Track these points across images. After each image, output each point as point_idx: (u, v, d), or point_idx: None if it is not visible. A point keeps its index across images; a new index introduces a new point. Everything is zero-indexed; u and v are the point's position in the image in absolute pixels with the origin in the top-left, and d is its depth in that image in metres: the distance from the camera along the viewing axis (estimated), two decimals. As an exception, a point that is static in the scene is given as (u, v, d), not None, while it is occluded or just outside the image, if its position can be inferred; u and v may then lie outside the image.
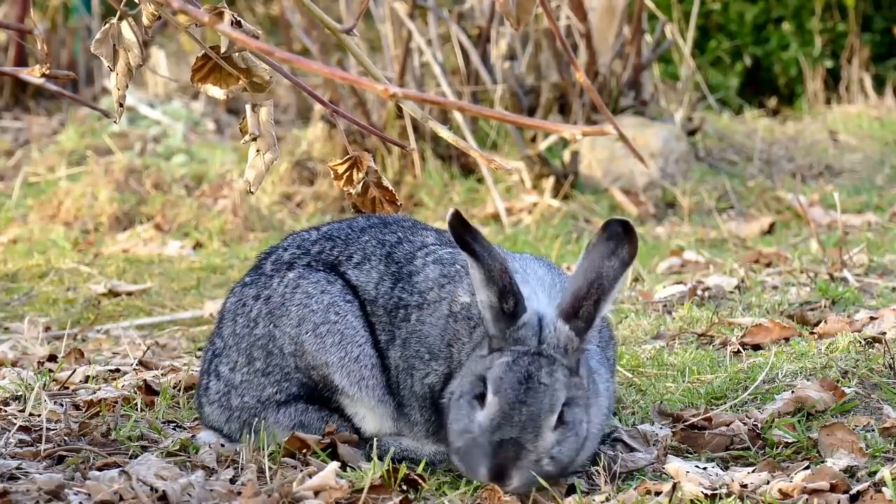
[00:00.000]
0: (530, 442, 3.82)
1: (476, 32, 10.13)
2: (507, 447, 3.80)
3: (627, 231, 3.89)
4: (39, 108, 13.04)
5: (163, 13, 4.06)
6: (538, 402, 3.83)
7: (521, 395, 3.83)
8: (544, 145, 9.85)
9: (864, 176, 10.69)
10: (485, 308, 3.92)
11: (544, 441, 3.83)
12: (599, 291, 3.89)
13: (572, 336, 3.90)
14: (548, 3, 3.57)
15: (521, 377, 3.84)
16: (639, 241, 3.92)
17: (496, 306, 3.89)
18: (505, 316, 3.90)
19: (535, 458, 3.83)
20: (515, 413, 3.82)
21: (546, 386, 3.84)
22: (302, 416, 4.25)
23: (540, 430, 3.83)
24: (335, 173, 4.49)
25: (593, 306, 3.90)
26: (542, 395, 3.83)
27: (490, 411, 3.84)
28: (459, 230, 3.85)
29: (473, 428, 3.86)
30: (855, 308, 5.97)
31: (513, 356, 3.87)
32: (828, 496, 3.88)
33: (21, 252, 8.65)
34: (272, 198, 9.73)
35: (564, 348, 3.89)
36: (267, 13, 15.40)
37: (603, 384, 4.09)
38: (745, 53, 14.37)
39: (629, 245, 3.89)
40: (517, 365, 3.86)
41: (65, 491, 3.87)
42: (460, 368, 4.05)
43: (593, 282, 3.89)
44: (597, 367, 4.09)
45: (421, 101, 2.93)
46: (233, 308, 4.38)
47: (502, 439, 3.81)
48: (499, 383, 3.84)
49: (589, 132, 2.91)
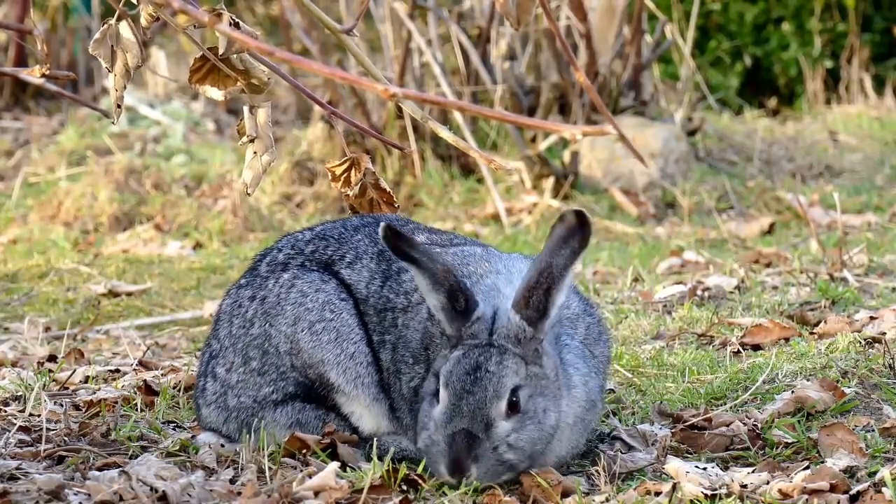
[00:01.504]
0: (482, 431, 3.83)
1: (476, 32, 10.13)
2: (459, 439, 3.83)
3: (582, 221, 3.91)
4: (39, 109, 13.03)
5: (161, 14, 4.06)
6: (483, 390, 3.85)
7: (468, 385, 3.86)
8: (544, 145, 9.85)
9: (864, 176, 10.68)
10: (437, 311, 3.95)
11: (497, 429, 3.85)
12: (549, 280, 3.90)
13: (524, 326, 3.92)
14: (547, 4, 3.57)
15: (469, 368, 3.87)
16: (591, 232, 3.92)
17: (448, 307, 3.93)
18: (458, 315, 3.93)
19: (492, 447, 3.84)
20: (464, 403, 3.85)
21: (492, 373, 3.86)
22: (299, 414, 4.25)
23: (489, 418, 3.84)
24: (333, 175, 4.49)
25: (543, 295, 3.91)
26: (487, 382, 3.86)
27: (442, 405, 3.88)
28: (394, 241, 3.88)
29: (430, 425, 3.90)
30: (855, 308, 5.97)
31: (464, 349, 3.91)
32: (828, 496, 3.88)
33: (21, 252, 8.65)
34: (272, 198, 9.73)
35: (516, 338, 3.91)
36: (267, 13, 15.39)
37: (579, 377, 4.09)
38: (745, 53, 14.36)
39: (581, 234, 3.91)
40: (467, 357, 3.89)
41: (65, 491, 3.87)
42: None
43: (542, 271, 3.91)
44: (573, 361, 4.10)
45: (421, 101, 2.93)
46: (229, 310, 4.38)
47: (454, 432, 3.83)
48: (448, 376, 3.88)
49: (589, 132, 2.91)
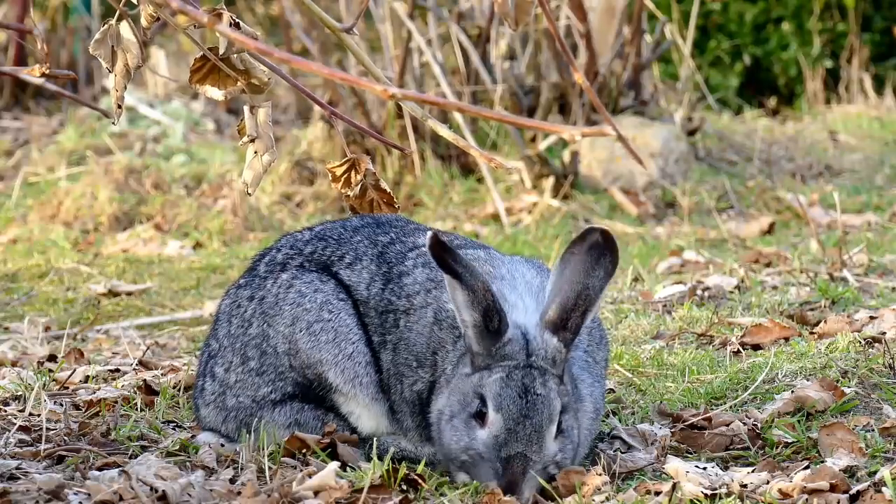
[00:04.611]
0: (536, 454, 3.84)
1: (476, 32, 10.13)
2: (515, 462, 3.83)
3: (607, 241, 3.91)
4: (39, 108, 13.03)
5: (162, 14, 4.06)
6: (539, 415, 3.85)
7: (524, 410, 3.84)
8: (544, 145, 9.85)
9: (863, 176, 10.68)
10: (468, 327, 3.91)
11: (548, 451, 3.86)
12: (587, 303, 3.91)
13: (560, 347, 3.92)
14: (547, 4, 3.57)
15: (520, 391, 3.86)
16: (618, 250, 3.94)
17: (480, 326, 3.90)
18: (490, 334, 3.90)
19: (542, 467, 3.86)
20: (520, 428, 3.84)
21: (543, 397, 3.86)
22: (298, 414, 4.25)
23: (544, 442, 3.86)
24: (333, 175, 4.49)
25: (580, 318, 3.92)
26: (542, 406, 3.85)
27: (495, 428, 3.86)
28: (439, 252, 3.84)
29: (477, 446, 3.88)
30: (855, 308, 5.96)
31: (505, 371, 3.88)
32: (828, 496, 3.88)
33: (21, 252, 8.64)
34: (272, 198, 9.73)
35: (553, 359, 3.91)
36: (267, 13, 15.39)
37: (586, 389, 4.10)
38: (744, 53, 14.36)
39: (611, 255, 3.92)
40: (511, 380, 3.87)
41: (65, 491, 3.87)
42: (444, 377, 4.05)
43: (580, 293, 3.91)
44: (579, 374, 4.11)
45: (420, 101, 2.93)
46: (227, 310, 4.38)
47: (509, 455, 3.83)
48: (499, 400, 3.85)
49: (588, 133, 2.91)
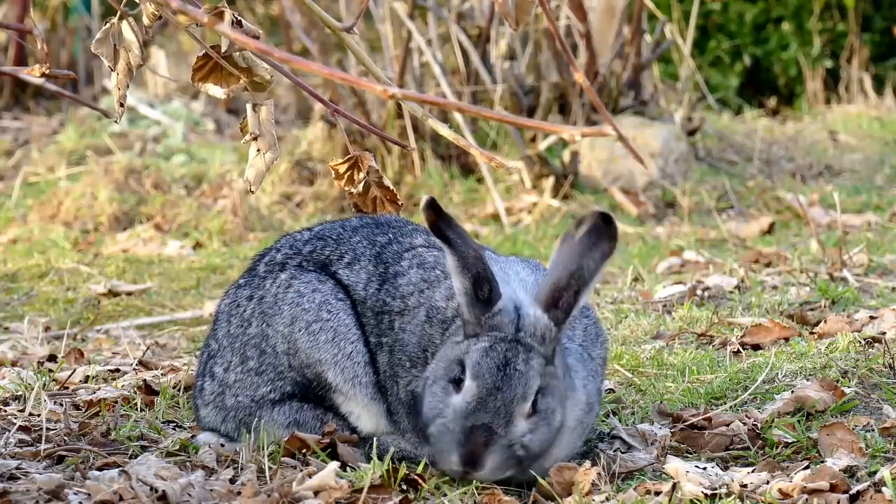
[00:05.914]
0: (502, 427, 3.83)
1: (476, 32, 10.13)
2: (478, 433, 3.82)
3: (608, 223, 3.91)
4: (39, 108, 13.03)
5: (163, 13, 4.06)
6: (512, 389, 3.84)
7: (498, 381, 3.84)
8: (544, 145, 9.85)
9: (863, 176, 10.68)
10: (460, 294, 3.93)
11: (516, 428, 3.85)
12: (580, 283, 3.91)
13: (550, 325, 3.91)
14: (547, 4, 3.57)
15: (499, 363, 3.86)
16: (618, 235, 3.94)
17: (471, 293, 3.91)
18: (480, 302, 3.91)
19: (507, 444, 3.84)
20: (491, 399, 3.83)
21: (521, 373, 3.86)
22: (297, 414, 4.25)
23: (512, 417, 3.84)
24: (336, 173, 4.49)
25: (573, 297, 3.92)
26: (517, 382, 3.85)
27: (467, 396, 3.86)
28: (432, 216, 3.86)
29: (447, 412, 3.87)
30: (855, 308, 5.97)
31: (490, 341, 3.89)
32: (828, 496, 3.88)
33: (21, 252, 8.65)
34: (272, 198, 9.73)
35: (542, 337, 3.91)
36: (267, 13, 15.39)
37: (579, 381, 4.09)
38: (744, 53, 14.37)
39: (609, 237, 3.91)
40: (494, 351, 3.87)
41: (65, 491, 3.87)
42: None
43: (574, 273, 3.90)
44: (574, 365, 4.10)
45: (420, 101, 2.93)
46: (227, 309, 4.39)
47: (474, 425, 3.82)
48: (477, 368, 3.86)
49: (588, 133, 2.91)
